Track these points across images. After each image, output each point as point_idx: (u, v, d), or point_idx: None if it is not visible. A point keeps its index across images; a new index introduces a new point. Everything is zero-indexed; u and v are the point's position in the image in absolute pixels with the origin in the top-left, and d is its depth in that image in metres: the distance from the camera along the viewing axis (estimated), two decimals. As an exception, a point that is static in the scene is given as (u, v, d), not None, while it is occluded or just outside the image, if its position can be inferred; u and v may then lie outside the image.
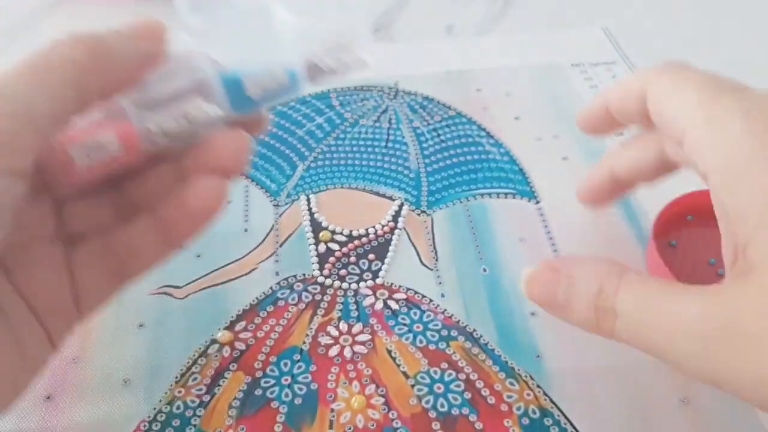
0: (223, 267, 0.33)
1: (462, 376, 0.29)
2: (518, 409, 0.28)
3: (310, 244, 0.34)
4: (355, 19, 0.23)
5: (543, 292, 0.24)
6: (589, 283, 0.23)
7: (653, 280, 0.22)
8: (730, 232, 0.21)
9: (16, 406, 0.23)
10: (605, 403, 0.28)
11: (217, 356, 0.29)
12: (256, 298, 0.32)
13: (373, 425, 0.27)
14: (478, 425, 0.27)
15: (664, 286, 0.21)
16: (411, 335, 0.30)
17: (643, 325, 0.21)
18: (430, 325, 0.31)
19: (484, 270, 0.33)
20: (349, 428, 0.27)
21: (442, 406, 0.28)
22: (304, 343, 0.30)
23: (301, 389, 0.28)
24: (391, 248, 0.34)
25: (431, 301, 0.32)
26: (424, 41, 0.47)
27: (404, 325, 0.31)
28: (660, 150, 0.27)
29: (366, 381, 0.29)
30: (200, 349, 0.30)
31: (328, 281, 0.32)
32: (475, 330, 0.30)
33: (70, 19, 0.50)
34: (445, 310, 0.31)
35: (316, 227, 0.35)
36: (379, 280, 0.32)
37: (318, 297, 0.32)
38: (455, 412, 0.27)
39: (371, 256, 0.34)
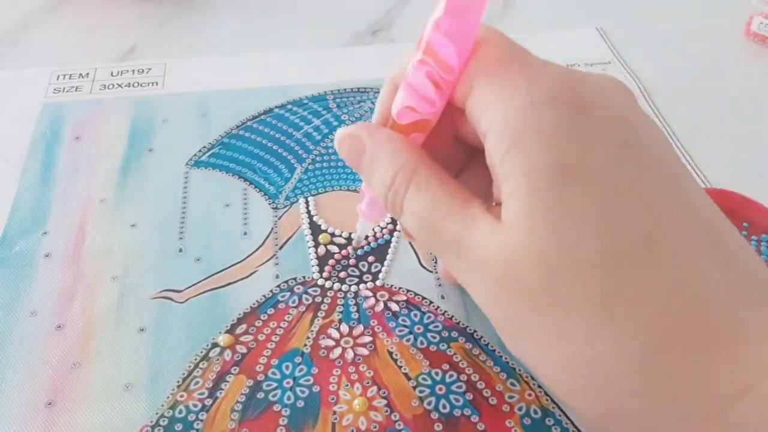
0: (223, 270, 0.33)
1: (463, 377, 0.29)
2: (520, 409, 0.28)
3: (309, 247, 0.34)
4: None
5: (349, 157, 0.26)
6: (384, 172, 0.24)
7: (441, 188, 0.23)
8: (496, 182, 0.22)
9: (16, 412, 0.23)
10: (606, 402, 0.28)
11: (218, 360, 0.29)
12: (257, 302, 0.32)
13: (375, 427, 0.27)
14: (480, 426, 0.27)
15: (448, 199, 0.22)
16: (412, 337, 0.30)
17: (423, 231, 0.23)
18: (431, 327, 0.31)
19: (484, 271, 0.33)
20: (352, 430, 0.27)
21: (444, 407, 0.28)
22: (306, 345, 0.30)
23: (303, 392, 0.28)
24: (390, 250, 0.34)
25: (431, 302, 0.32)
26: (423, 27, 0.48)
27: (405, 326, 0.31)
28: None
29: (368, 383, 0.29)
30: (201, 352, 0.30)
31: (328, 283, 0.32)
32: (475, 331, 0.30)
33: (70, 19, 0.50)
34: (446, 311, 0.31)
35: (316, 230, 0.35)
36: (379, 282, 0.33)
37: (318, 299, 0.32)
38: (457, 413, 0.28)
39: (371, 258, 0.34)
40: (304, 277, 0.33)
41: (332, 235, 0.35)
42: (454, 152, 0.27)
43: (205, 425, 0.27)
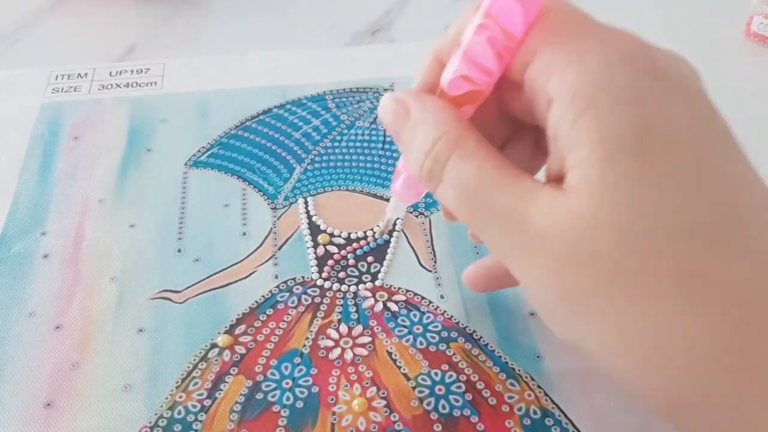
0: (222, 271, 0.33)
1: (463, 378, 0.29)
2: (519, 409, 0.28)
3: (308, 247, 0.34)
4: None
5: (391, 125, 0.24)
6: (426, 136, 0.22)
7: (489, 159, 0.21)
8: (556, 155, 0.21)
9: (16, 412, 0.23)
10: (606, 402, 0.28)
11: (217, 360, 0.29)
12: (256, 302, 0.32)
13: (374, 428, 0.27)
14: (480, 426, 0.27)
15: (497, 171, 0.21)
16: (411, 337, 0.30)
17: (466, 203, 0.21)
18: (430, 327, 0.31)
19: (483, 271, 0.33)
20: (351, 431, 0.27)
21: (444, 407, 0.28)
22: (305, 346, 0.30)
23: (302, 392, 0.28)
24: (389, 250, 0.34)
25: (431, 302, 0.32)
26: (424, 41, 0.47)
27: (404, 326, 0.31)
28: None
29: (367, 383, 0.29)
30: (200, 353, 0.30)
31: (327, 284, 0.32)
32: (475, 331, 0.30)
33: (69, 19, 0.50)
34: (445, 311, 0.31)
35: (315, 230, 0.35)
36: (378, 282, 0.33)
37: (317, 300, 0.32)
38: (456, 413, 0.28)
39: (370, 258, 0.34)
40: (303, 277, 0.33)
41: (331, 235, 0.35)
42: (498, 126, 0.25)
43: (204, 426, 0.27)
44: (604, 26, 0.22)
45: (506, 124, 0.25)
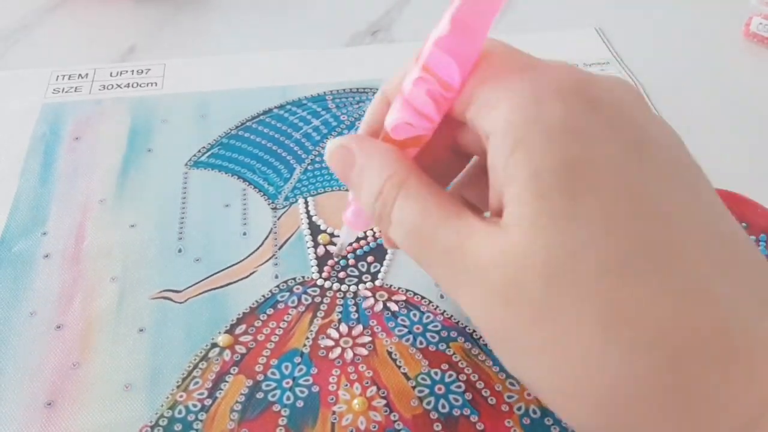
0: (222, 270, 0.33)
1: (462, 377, 0.29)
2: (519, 409, 0.28)
3: (308, 247, 0.34)
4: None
5: (339, 169, 0.25)
6: (373, 182, 0.23)
7: (431, 199, 0.22)
8: (496, 188, 0.21)
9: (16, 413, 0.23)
10: (605, 402, 0.28)
11: (218, 360, 0.29)
12: (256, 302, 0.32)
13: (375, 427, 0.27)
14: (480, 426, 0.27)
15: (439, 210, 0.22)
16: (411, 337, 0.30)
17: (412, 241, 0.22)
18: (430, 327, 0.31)
19: (483, 271, 0.33)
20: (351, 430, 0.27)
21: (444, 407, 0.28)
22: (305, 345, 0.30)
23: (302, 392, 0.28)
24: (389, 250, 0.34)
25: (430, 302, 0.32)
26: (424, 41, 0.48)
27: (404, 326, 0.31)
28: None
29: (367, 383, 0.29)
30: (201, 352, 0.30)
31: (328, 284, 0.33)
32: (474, 331, 0.31)
33: (70, 20, 0.50)
34: (445, 311, 0.31)
35: (315, 230, 0.35)
36: (378, 282, 0.33)
37: (318, 299, 0.32)
38: (456, 413, 0.28)
39: (370, 258, 0.34)
40: (303, 277, 0.33)
41: (331, 235, 0.35)
42: (449, 162, 0.26)
43: (205, 425, 0.27)
44: (540, 62, 0.22)
45: (458, 158, 0.26)
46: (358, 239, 0.34)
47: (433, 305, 0.32)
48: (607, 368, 0.19)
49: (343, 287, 0.32)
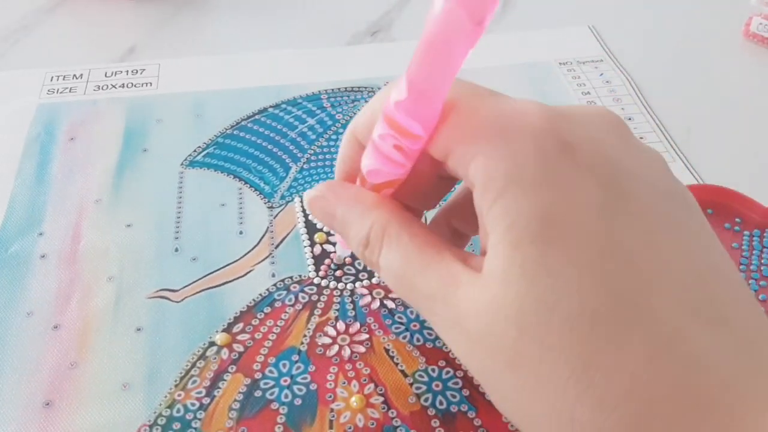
0: (219, 270, 0.33)
1: (460, 374, 0.29)
2: (516, 404, 0.28)
3: (305, 246, 0.34)
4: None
5: (321, 219, 0.26)
6: (356, 234, 0.24)
7: (412, 243, 0.23)
8: (483, 229, 0.22)
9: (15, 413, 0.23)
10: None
11: (215, 359, 0.29)
12: (253, 300, 0.32)
13: (373, 424, 0.27)
14: (477, 422, 0.27)
15: (420, 255, 0.22)
16: (408, 334, 0.30)
17: (399, 287, 0.23)
18: (427, 324, 0.31)
19: (479, 268, 0.33)
20: (349, 428, 0.27)
21: (441, 403, 0.28)
22: (302, 343, 0.30)
23: (300, 390, 0.28)
24: (386, 248, 0.34)
25: (427, 299, 0.32)
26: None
27: (401, 323, 0.31)
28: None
29: (365, 380, 0.29)
30: (199, 351, 0.30)
31: (324, 282, 0.33)
32: (471, 327, 0.31)
33: (69, 20, 0.50)
34: (442, 308, 0.31)
35: (311, 229, 0.35)
36: (375, 280, 0.33)
37: (314, 297, 0.32)
38: (454, 409, 0.28)
39: (366, 256, 0.34)
40: (300, 275, 0.33)
41: (328, 233, 0.35)
42: (436, 184, 0.26)
43: (203, 424, 0.27)
44: (509, 102, 0.22)
45: (443, 181, 0.26)
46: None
47: (429, 302, 0.32)
48: (577, 422, 0.19)
49: (340, 285, 0.32)
